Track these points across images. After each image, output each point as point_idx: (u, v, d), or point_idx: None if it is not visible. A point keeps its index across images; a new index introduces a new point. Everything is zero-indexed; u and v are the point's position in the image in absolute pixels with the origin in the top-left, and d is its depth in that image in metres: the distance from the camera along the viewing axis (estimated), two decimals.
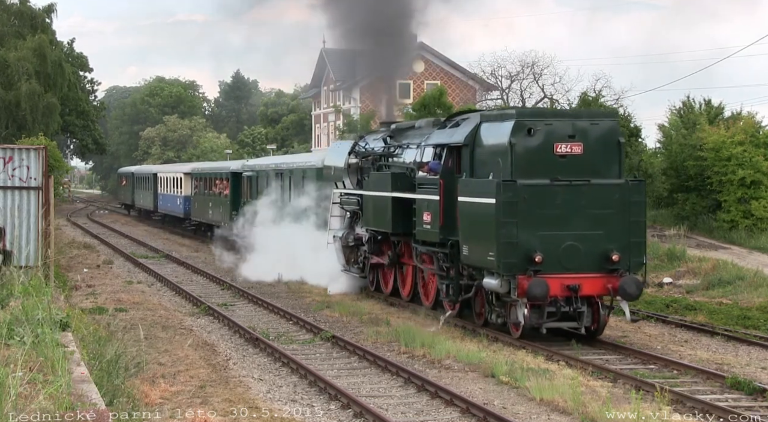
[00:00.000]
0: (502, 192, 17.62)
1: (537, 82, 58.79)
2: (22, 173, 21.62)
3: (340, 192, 26.89)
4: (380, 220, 23.38)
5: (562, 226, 17.90)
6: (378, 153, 24.79)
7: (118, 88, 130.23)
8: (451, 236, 19.72)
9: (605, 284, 17.87)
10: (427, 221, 20.57)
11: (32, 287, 14.91)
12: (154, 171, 59.44)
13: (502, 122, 18.65)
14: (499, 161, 18.18)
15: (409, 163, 22.61)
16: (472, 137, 19.43)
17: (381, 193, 23.12)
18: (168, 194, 54.08)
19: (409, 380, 15.48)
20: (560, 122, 18.44)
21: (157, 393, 13.77)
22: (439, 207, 20.00)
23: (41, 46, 58.80)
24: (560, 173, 18.04)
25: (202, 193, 46.55)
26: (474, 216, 18.65)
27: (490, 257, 17.92)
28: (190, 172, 49.72)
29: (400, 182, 22.38)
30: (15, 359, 9.75)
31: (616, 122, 19.01)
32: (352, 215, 26.22)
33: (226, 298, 25.89)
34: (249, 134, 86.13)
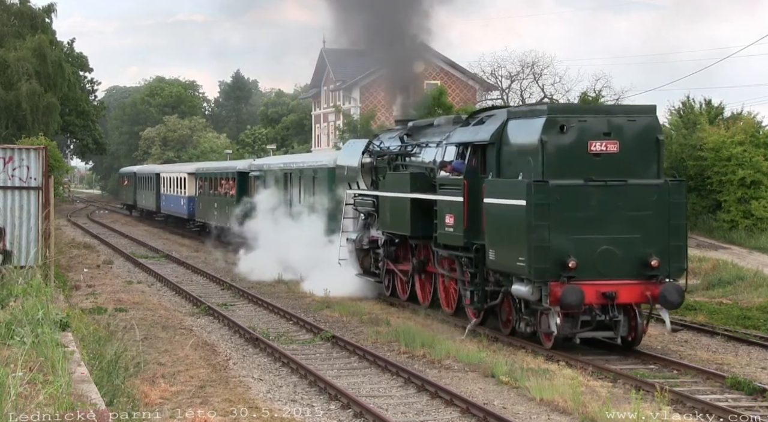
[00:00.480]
0: (533, 193, 16.62)
1: (537, 82, 58.85)
2: (22, 173, 21.62)
3: (354, 193, 25.86)
4: (398, 222, 22.42)
5: (597, 229, 16.90)
6: (394, 152, 23.83)
7: (118, 88, 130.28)
8: (476, 240, 18.73)
9: (643, 292, 16.84)
10: (450, 224, 19.53)
11: (32, 287, 14.91)
12: (156, 171, 58.58)
13: (532, 118, 17.61)
14: (530, 160, 17.15)
15: (429, 162, 21.71)
16: (499, 135, 18.38)
17: (399, 194, 22.14)
18: (171, 195, 53.24)
19: (409, 380, 15.48)
20: (595, 118, 17.32)
21: (157, 393, 13.77)
22: (463, 209, 18.98)
23: (41, 46, 58.81)
24: (595, 172, 17.03)
25: (207, 193, 45.59)
26: (502, 219, 17.66)
27: (520, 262, 16.89)
28: (194, 172, 48.88)
29: (419, 183, 21.39)
30: (15, 359, 9.75)
31: (654, 118, 17.76)
32: (367, 216, 25.24)
33: (226, 298, 25.90)
34: (250, 134, 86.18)
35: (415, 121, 24.94)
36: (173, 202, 52.76)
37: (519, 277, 17.31)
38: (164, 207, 55.58)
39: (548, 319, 17.03)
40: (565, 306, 16.44)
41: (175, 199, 52.28)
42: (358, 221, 25.82)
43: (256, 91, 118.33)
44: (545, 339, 17.49)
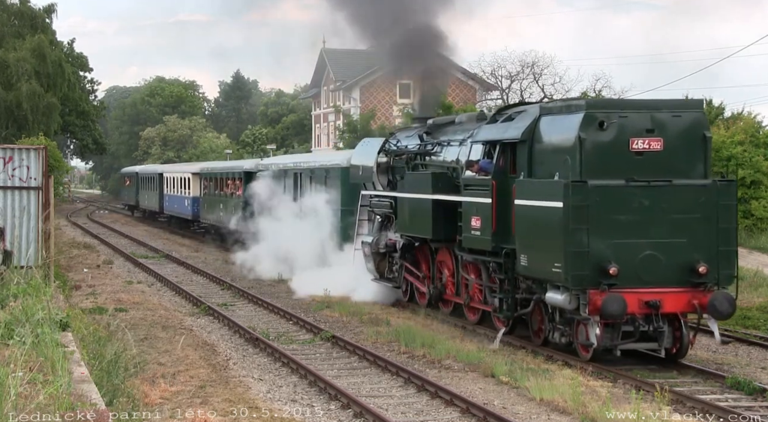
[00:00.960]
0: (570, 195, 15.52)
1: (537, 82, 58.90)
2: (22, 173, 21.63)
3: (370, 194, 24.73)
4: (418, 225, 21.37)
5: (640, 233, 15.78)
6: (413, 151, 22.76)
7: (118, 88, 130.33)
8: (506, 244, 17.65)
9: (690, 301, 15.76)
10: (477, 227, 18.43)
11: (32, 288, 14.90)
12: (159, 171, 57.64)
13: (569, 114, 16.48)
14: (567, 159, 16.00)
15: (451, 162, 20.73)
16: (531, 132, 17.23)
17: (419, 195, 21.09)
18: (175, 195, 52.18)
19: (409, 380, 15.48)
20: (637, 113, 16.15)
21: (157, 393, 13.77)
22: (491, 211, 17.87)
23: (40, 46, 58.81)
24: (637, 172, 15.93)
25: (212, 194, 44.46)
26: (535, 222, 16.56)
27: (556, 268, 15.81)
28: (198, 172, 47.76)
29: (441, 183, 20.37)
30: (15, 359, 9.74)
31: (701, 113, 16.67)
32: (384, 219, 24.16)
33: (226, 298, 25.90)
34: (251, 134, 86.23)
35: (434, 118, 24.02)
36: (177, 202, 51.73)
37: (554, 284, 16.22)
38: (167, 208, 54.58)
39: (588, 330, 15.96)
40: (607, 316, 15.40)
41: (178, 199, 51.23)
42: (374, 224, 24.84)
43: (256, 91, 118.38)
44: (582, 350, 16.44)
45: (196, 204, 47.30)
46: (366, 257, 24.54)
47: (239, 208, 37.79)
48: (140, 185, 63.67)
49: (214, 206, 43.51)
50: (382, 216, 24.20)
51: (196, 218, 47.34)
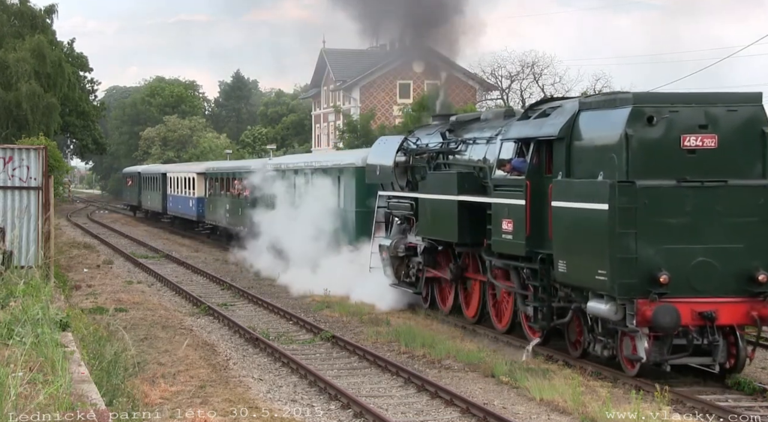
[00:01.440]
0: (616, 196, 14.34)
1: (537, 82, 58.94)
2: (22, 173, 21.62)
3: (388, 195, 23.66)
4: (442, 228, 20.26)
5: (693, 238, 14.58)
6: (435, 150, 21.62)
7: (118, 88, 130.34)
8: (541, 249, 16.53)
9: (749, 312, 14.49)
10: (508, 230, 17.21)
11: (32, 288, 14.90)
12: (163, 171, 56.52)
13: (613, 109, 15.20)
14: (613, 157, 14.71)
15: (478, 161, 19.60)
16: (569, 129, 15.96)
17: (443, 196, 19.96)
18: (179, 196, 51.17)
19: (409, 380, 15.48)
20: (689, 108, 14.86)
21: (157, 393, 13.78)
22: (524, 214, 16.70)
23: (40, 46, 58.77)
24: (689, 171, 14.70)
25: (217, 194, 43.25)
26: (576, 225, 15.35)
27: (600, 276, 14.59)
28: (204, 172, 46.72)
29: (467, 184, 19.28)
30: (15, 359, 9.74)
31: (759, 108, 15.26)
32: (403, 221, 23.09)
33: (226, 298, 25.90)
34: (251, 134, 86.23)
35: (457, 115, 22.93)
36: (181, 203, 50.72)
37: (597, 293, 15.02)
38: (171, 208, 53.54)
39: (634, 343, 14.78)
40: (658, 328, 14.19)
41: (183, 200, 50.22)
42: (392, 226, 23.72)
43: (256, 91, 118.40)
44: (628, 365, 15.25)
45: (201, 205, 46.22)
46: (384, 261, 23.44)
47: (247, 209, 36.64)
48: (143, 186, 62.66)
49: (220, 207, 42.24)
50: (401, 218, 23.22)
51: (201, 218, 46.23)
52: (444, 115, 23.71)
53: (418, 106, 49.03)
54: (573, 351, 16.76)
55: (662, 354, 14.54)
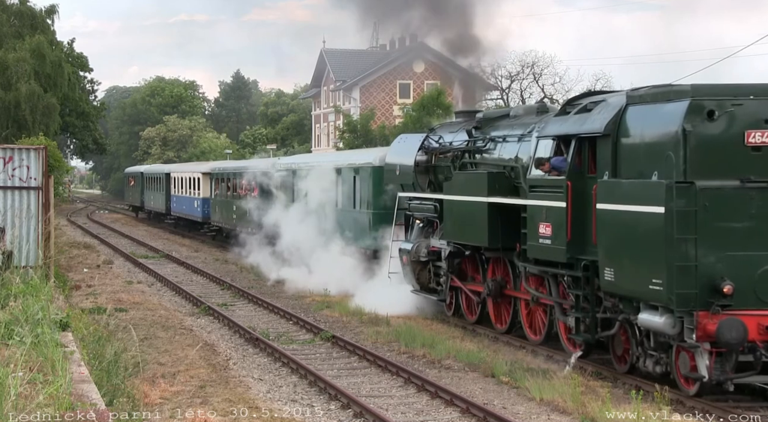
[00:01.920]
0: (674, 198, 13.11)
1: (537, 82, 58.93)
2: (22, 173, 21.61)
3: (409, 196, 22.43)
4: (470, 231, 18.99)
5: (759, 244, 13.27)
6: (460, 149, 20.44)
7: (118, 88, 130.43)
8: (583, 255, 15.31)
9: None
10: (546, 235, 15.97)
11: (32, 288, 14.91)
12: (166, 171, 55.17)
13: (667, 102, 13.91)
14: (670, 155, 13.44)
15: (509, 160, 18.43)
16: (615, 125, 14.70)
17: (472, 198, 18.75)
18: (183, 196, 49.87)
19: (409, 380, 15.48)
20: (754, 101, 13.52)
21: (157, 393, 13.78)
22: (565, 217, 15.46)
23: (40, 46, 58.78)
24: (754, 171, 13.38)
25: (224, 195, 41.98)
26: (626, 230, 14.09)
27: (655, 285, 13.37)
28: (209, 172, 45.38)
29: (498, 185, 18.14)
30: (15, 359, 9.74)
31: None
32: (425, 224, 21.88)
33: (226, 298, 25.90)
34: (250, 134, 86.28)
35: (485, 111, 21.72)
36: (185, 204, 49.48)
37: (650, 304, 13.81)
38: (175, 209, 52.27)
39: (693, 359, 13.49)
40: (722, 344, 12.94)
41: (187, 201, 48.94)
42: (413, 229, 22.45)
43: (256, 91, 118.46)
44: (685, 383, 13.93)
45: (206, 206, 45.09)
46: (404, 266, 22.16)
47: (255, 210, 35.02)
48: (145, 186, 61.66)
49: (227, 208, 41.00)
50: (423, 221, 22.00)
51: (207, 220, 45.06)
52: (468, 111, 22.37)
53: (418, 105, 49.04)
54: (619, 365, 15.43)
55: (726, 372, 13.24)
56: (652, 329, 13.99)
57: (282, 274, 28.69)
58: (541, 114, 18.32)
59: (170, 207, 53.33)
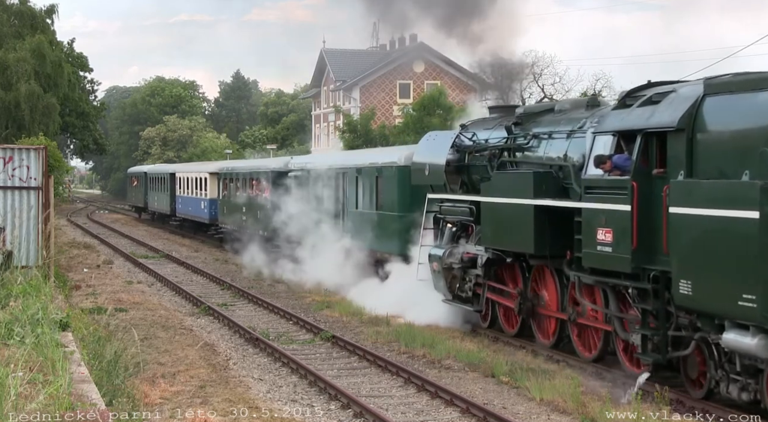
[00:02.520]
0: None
1: (537, 82, 58.87)
2: (22, 173, 21.61)
3: (440, 198, 20.88)
4: (513, 237, 17.43)
5: None
6: (498, 146, 18.94)
7: (118, 88, 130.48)
8: (652, 265, 13.71)
9: None
10: (606, 241, 14.27)
11: (32, 287, 14.91)
12: (171, 171, 53.68)
13: (758, 91, 12.32)
14: (766, 151, 11.74)
15: (556, 158, 16.90)
16: (691, 118, 13.14)
17: (515, 200, 17.15)
18: (189, 197, 48.37)
19: (409, 380, 15.48)
20: None
21: (157, 393, 13.78)
22: (630, 222, 13.83)
23: (40, 46, 58.81)
24: None
25: (233, 196, 40.35)
26: (707, 237, 12.43)
27: (746, 301, 11.69)
28: (217, 172, 43.81)
29: (546, 185, 16.57)
30: (15, 359, 9.74)
31: None
32: (459, 228, 20.27)
33: (226, 298, 25.90)
34: (250, 134, 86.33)
35: (526, 106, 20.20)
36: (191, 205, 47.93)
37: (738, 323, 12.18)
38: (180, 210, 50.84)
39: None
40: None
41: (193, 201, 47.37)
42: (444, 233, 20.78)
43: (256, 91, 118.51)
44: None
45: (213, 207, 43.48)
46: (435, 273, 20.57)
47: (267, 212, 33.66)
48: (149, 186, 60.20)
49: (236, 210, 39.38)
50: (456, 225, 20.35)
51: (214, 221, 43.45)
52: (505, 107, 20.88)
53: (418, 105, 49.06)
54: (693, 390, 13.77)
55: None
56: (740, 351, 12.33)
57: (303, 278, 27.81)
58: (592, 108, 16.93)
59: (175, 208, 52.09)
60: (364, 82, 68.13)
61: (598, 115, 16.13)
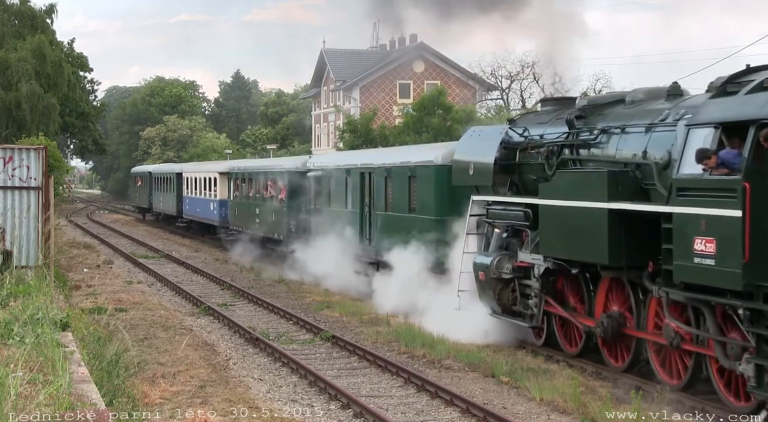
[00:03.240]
0: None
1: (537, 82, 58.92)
2: (22, 173, 21.60)
3: (488, 200, 18.87)
4: (581, 245, 15.22)
5: None
6: (558, 143, 16.95)
7: (118, 88, 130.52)
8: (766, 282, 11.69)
9: None
10: (707, 253, 12.19)
11: (32, 288, 14.91)
12: (177, 170, 51.75)
13: None
14: None
15: (633, 155, 14.84)
16: None
17: (584, 203, 14.99)
18: (197, 198, 46.62)
19: (409, 380, 15.48)
20: None
21: (157, 393, 13.78)
22: (741, 230, 11.73)
23: (41, 46, 58.83)
24: None
25: (246, 197, 38.39)
26: None
27: None
28: (227, 171, 41.91)
29: (623, 186, 14.47)
30: (15, 359, 9.74)
31: None
32: (511, 234, 18.38)
33: (226, 298, 25.90)
34: (251, 134, 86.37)
35: (589, 97, 18.38)
36: (200, 206, 45.95)
37: None
38: (187, 212, 48.99)
39: None
40: None
41: (202, 203, 45.42)
42: (492, 240, 18.85)
43: (256, 92, 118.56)
44: None
45: (224, 208, 41.49)
46: (481, 283, 18.68)
47: (283, 215, 32.02)
48: (154, 186, 58.46)
49: (248, 212, 37.33)
50: (507, 230, 18.54)
51: (225, 224, 41.38)
52: (561, 98, 19.06)
53: (419, 105, 49.06)
54: None
55: None
56: None
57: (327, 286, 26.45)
58: (673, 98, 14.96)
59: (182, 209, 50.20)
60: (364, 82, 68.14)
61: (685, 106, 14.22)
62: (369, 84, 68.28)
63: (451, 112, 47.62)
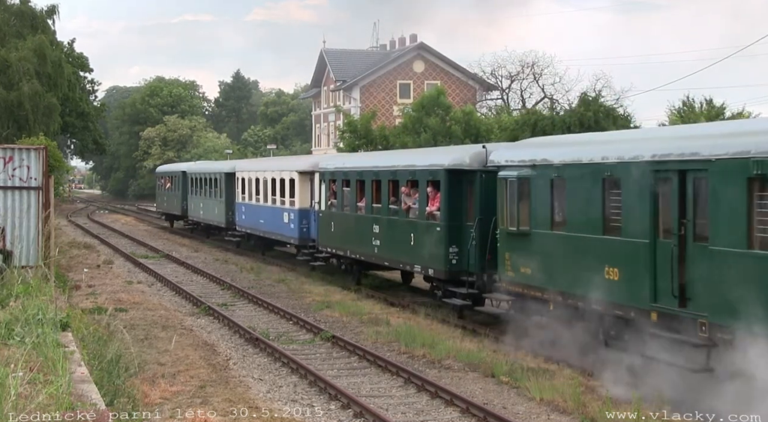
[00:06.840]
0: None
1: (537, 82, 58.96)
2: (23, 173, 21.62)
3: None
4: None
5: None
6: None
7: (118, 89, 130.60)
8: None
9: None
10: None
11: (32, 287, 14.91)
12: (227, 170, 41.57)
13: None
14: None
15: None
16: None
17: None
18: (260, 205, 36.17)
19: (409, 380, 15.48)
20: None
21: (157, 393, 13.79)
22: None
23: (41, 46, 58.81)
24: None
25: (351, 207, 26.92)
26: None
27: None
28: (311, 170, 30.96)
29: None
30: (15, 359, 9.75)
31: None
32: None
33: (226, 298, 25.90)
34: (253, 133, 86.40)
35: None
36: (265, 216, 35.43)
37: None
38: (242, 223, 38.65)
39: None
40: None
41: (269, 212, 34.86)
42: None
43: (256, 92, 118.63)
44: None
45: (305, 221, 31.28)
46: None
47: (437, 238, 21.49)
48: (190, 190, 48.06)
49: (357, 230, 26.38)
50: None
51: (306, 242, 31.12)
52: None
53: (418, 105, 49.04)
54: None
55: None
56: None
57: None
58: None
59: (234, 220, 40.27)
60: (364, 82, 68.16)
61: None
62: (369, 84, 68.29)
63: (450, 112, 47.59)
